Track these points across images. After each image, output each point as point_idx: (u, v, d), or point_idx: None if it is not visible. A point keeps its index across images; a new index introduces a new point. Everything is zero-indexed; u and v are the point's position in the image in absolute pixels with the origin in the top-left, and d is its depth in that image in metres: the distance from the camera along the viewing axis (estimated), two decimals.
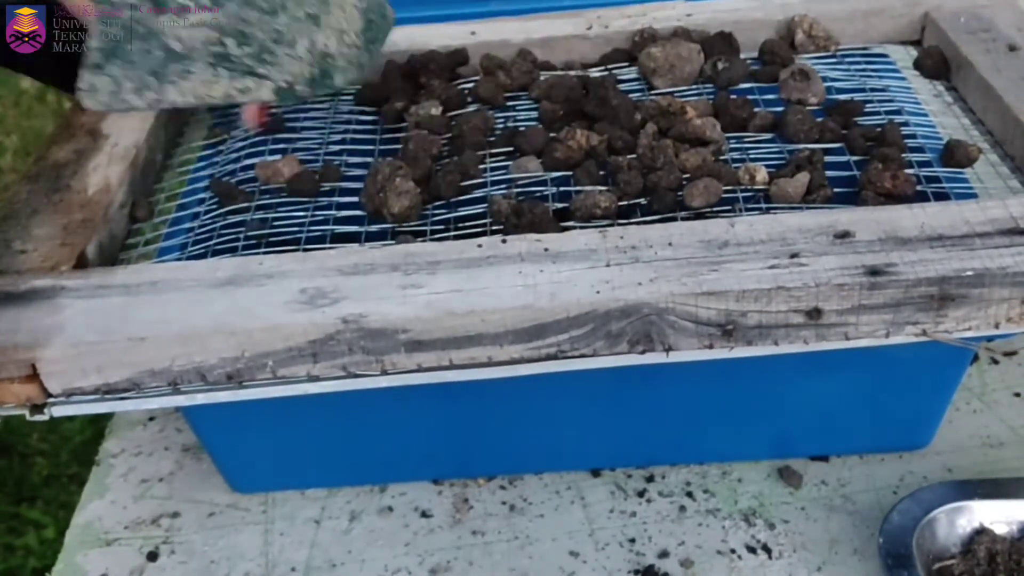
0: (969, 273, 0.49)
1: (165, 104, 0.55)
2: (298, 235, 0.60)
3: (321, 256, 0.54)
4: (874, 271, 0.49)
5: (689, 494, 0.66)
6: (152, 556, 0.64)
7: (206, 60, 0.53)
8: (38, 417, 0.51)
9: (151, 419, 0.74)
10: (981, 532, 0.58)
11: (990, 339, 0.67)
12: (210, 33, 0.52)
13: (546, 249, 0.53)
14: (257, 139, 0.69)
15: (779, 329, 0.50)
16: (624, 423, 0.65)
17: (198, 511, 0.67)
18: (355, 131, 0.69)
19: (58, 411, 0.51)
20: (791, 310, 0.50)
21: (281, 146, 0.68)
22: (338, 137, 0.69)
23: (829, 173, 0.60)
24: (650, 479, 0.67)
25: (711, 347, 0.51)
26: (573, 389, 0.60)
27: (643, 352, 0.51)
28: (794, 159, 0.60)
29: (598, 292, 0.50)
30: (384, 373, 0.51)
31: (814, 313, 0.50)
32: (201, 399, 0.52)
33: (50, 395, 0.51)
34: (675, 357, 0.51)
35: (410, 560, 0.63)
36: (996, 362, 0.74)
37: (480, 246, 0.53)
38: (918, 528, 0.57)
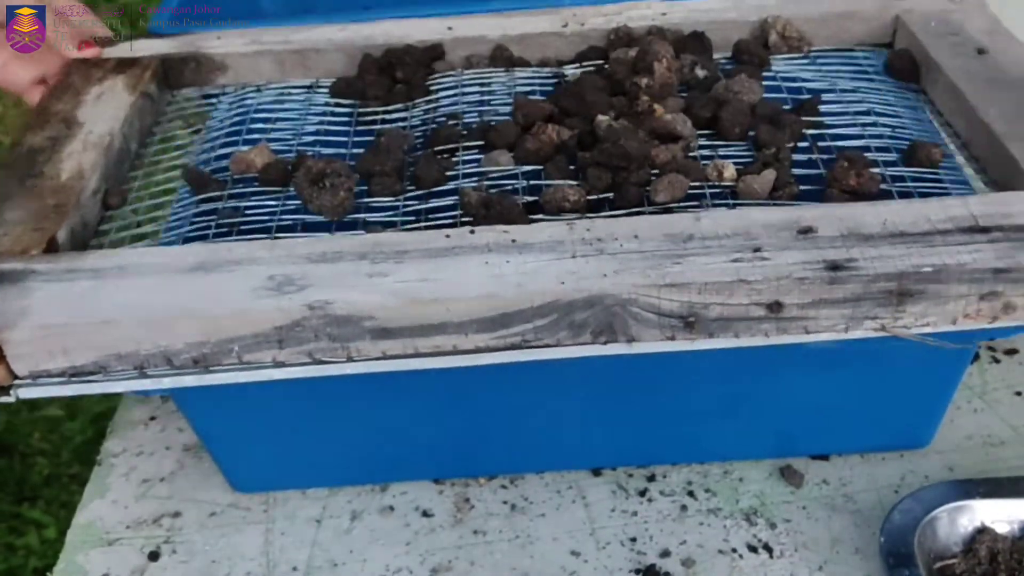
0: (928, 269, 0.50)
1: None
2: (269, 224, 0.60)
3: (290, 244, 0.54)
4: (834, 266, 0.50)
5: (690, 493, 0.66)
6: (153, 556, 0.64)
7: None
8: (4, 399, 0.52)
9: (152, 419, 0.73)
10: (982, 531, 0.58)
11: (991, 337, 0.68)
12: None
13: (513, 240, 0.53)
14: (232, 129, 0.69)
15: (740, 322, 0.51)
16: (625, 422, 0.65)
17: (199, 511, 0.66)
18: (329, 123, 0.70)
19: (24, 393, 0.52)
20: (752, 303, 0.50)
21: (256, 136, 0.68)
22: (312, 129, 0.69)
23: (796, 171, 0.60)
24: (651, 478, 0.67)
25: (673, 339, 0.51)
26: (574, 388, 0.60)
27: (606, 343, 0.51)
28: (761, 156, 0.61)
29: (563, 283, 0.50)
30: (350, 360, 0.52)
31: (775, 306, 0.50)
32: (167, 383, 0.52)
33: (16, 377, 0.51)
34: (637, 348, 0.51)
35: (411, 560, 0.63)
36: (997, 361, 0.74)
37: (448, 236, 0.54)
38: (919, 527, 0.57)
